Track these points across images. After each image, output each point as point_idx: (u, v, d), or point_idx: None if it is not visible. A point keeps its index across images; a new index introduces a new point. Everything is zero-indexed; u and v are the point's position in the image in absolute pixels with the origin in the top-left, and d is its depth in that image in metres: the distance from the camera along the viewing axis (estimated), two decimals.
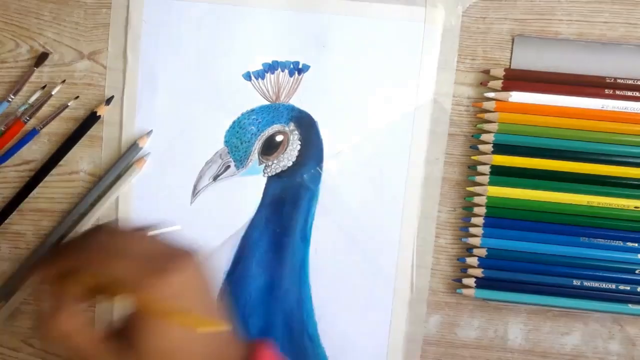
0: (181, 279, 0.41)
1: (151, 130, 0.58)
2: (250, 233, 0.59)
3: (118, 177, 0.59)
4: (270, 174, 0.59)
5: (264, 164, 0.59)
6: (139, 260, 0.41)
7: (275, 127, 0.58)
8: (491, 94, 0.57)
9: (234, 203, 0.59)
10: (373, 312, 0.58)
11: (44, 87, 0.59)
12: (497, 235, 0.57)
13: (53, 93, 0.58)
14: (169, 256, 0.42)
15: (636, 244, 0.56)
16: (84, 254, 0.42)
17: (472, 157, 0.57)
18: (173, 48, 0.58)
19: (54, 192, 0.59)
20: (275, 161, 0.59)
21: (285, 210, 0.59)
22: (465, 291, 0.57)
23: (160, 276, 0.40)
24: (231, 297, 0.59)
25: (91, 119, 0.58)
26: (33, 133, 0.58)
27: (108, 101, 0.58)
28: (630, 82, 0.55)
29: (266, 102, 0.58)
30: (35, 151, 0.59)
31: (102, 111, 0.58)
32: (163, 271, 0.41)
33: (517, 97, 0.56)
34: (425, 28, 0.57)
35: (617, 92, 0.55)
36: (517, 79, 0.56)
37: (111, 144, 0.59)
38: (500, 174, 0.56)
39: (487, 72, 0.57)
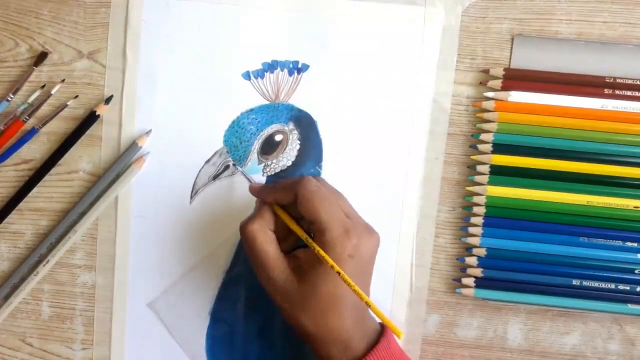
0: (371, 250, 0.50)
1: (150, 130, 0.58)
2: None
3: (117, 177, 0.59)
4: (269, 174, 0.59)
5: (263, 164, 0.59)
6: (340, 212, 0.49)
7: (275, 127, 0.58)
8: (491, 94, 0.56)
9: (233, 203, 0.59)
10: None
11: (43, 87, 0.59)
12: (497, 235, 0.57)
13: (52, 92, 0.58)
14: (365, 225, 0.50)
15: (636, 244, 0.56)
16: (299, 187, 0.49)
17: (472, 157, 0.57)
18: (172, 47, 0.58)
19: (53, 191, 0.59)
20: (274, 161, 0.59)
21: None
22: (464, 291, 0.57)
23: (352, 237, 0.48)
24: (230, 296, 0.59)
25: (90, 119, 0.58)
26: (32, 132, 0.58)
27: (107, 100, 0.58)
28: (629, 81, 0.55)
29: (265, 102, 0.58)
30: (34, 150, 0.59)
31: (102, 110, 0.58)
32: (361, 236, 0.48)
33: (517, 96, 0.56)
34: (424, 28, 0.57)
35: (617, 92, 0.55)
36: (517, 79, 0.56)
37: (110, 143, 0.59)
38: (500, 174, 0.56)
39: (486, 71, 0.57)
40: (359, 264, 0.48)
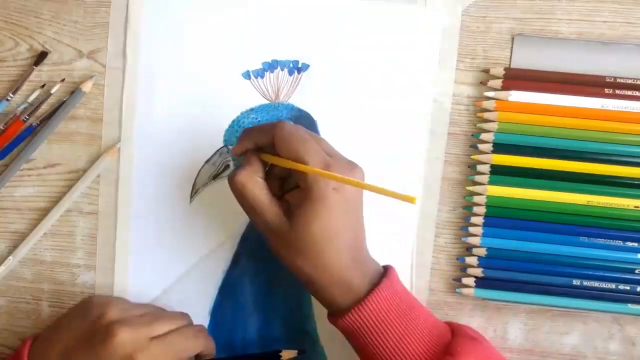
0: (360, 177, 0.50)
1: (94, 75, 0.58)
2: (250, 232, 0.59)
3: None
4: None
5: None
6: (319, 150, 0.49)
7: None
8: (491, 93, 0.56)
9: (233, 202, 0.58)
10: None
11: (43, 86, 0.59)
12: (497, 235, 0.57)
13: (52, 92, 0.58)
14: (347, 161, 0.50)
15: (636, 244, 0.56)
16: (276, 129, 0.49)
17: (472, 157, 0.57)
18: (172, 47, 0.58)
19: (53, 191, 0.59)
20: None
21: None
22: (464, 291, 0.57)
23: (341, 174, 0.47)
24: (230, 296, 0.59)
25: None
26: (30, 129, 0.58)
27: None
28: (630, 81, 0.55)
29: (266, 101, 0.58)
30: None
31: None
32: (343, 171, 0.48)
33: (517, 96, 0.56)
34: (425, 27, 0.57)
35: (617, 92, 0.55)
36: (517, 79, 0.56)
37: (111, 143, 0.59)
38: (500, 174, 0.56)
39: (487, 71, 0.57)
40: (345, 197, 0.49)
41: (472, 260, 0.57)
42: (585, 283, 0.56)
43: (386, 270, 0.51)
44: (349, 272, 0.49)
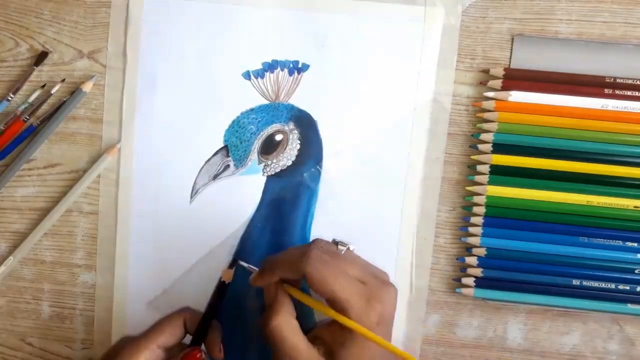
0: (393, 305, 0.47)
1: (94, 75, 0.58)
2: (250, 232, 0.59)
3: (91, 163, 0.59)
4: (269, 174, 0.59)
5: (264, 163, 0.59)
6: (355, 283, 0.46)
7: (275, 127, 0.58)
8: (491, 94, 0.57)
9: (233, 202, 0.59)
10: None
11: (43, 86, 0.59)
12: (497, 235, 0.57)
13: (52, 92, 0.58)
14: (381, 282, 0.47)
15: (636, 244, 0.56)
16: (306, 267, 0.45)
17: (472, 157, 0.57)
18: (173, 47, 0.58)
19: (53, 191, 0.59)
20: (274, 160, 0.59)
21: (285, 210, 0.59)
22: (464, 291, 0.57)
23: (375, 305, 0.45)
24: (231, 296, 0.59)
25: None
26: (30, 129, 0.58)
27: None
28: (629, 81, 0.55)
29: (266, 102, 0.58)
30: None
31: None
32: (382, 299, 0.46)
33: (517, 96, 0.56)
34: (424, 27, 0.57)
35: (617, 92, 0.55)
36: (517, 79, 0.56)
37: (111, 143, 0.59)
38: (500, 174, 0.56)
39: (486, 71, 0.57)
40: (386, 324, 0.47)
41: (471, 260, 0.57)
42: (585, 283, 0.56)
43: None
44: None
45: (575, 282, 0.56)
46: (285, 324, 0.46)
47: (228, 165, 0.59)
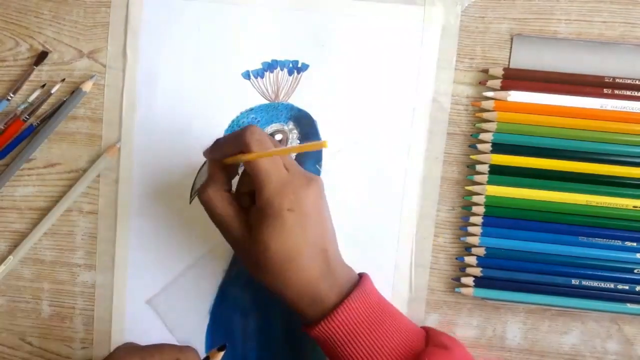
0: (313, 200, 0.48)
1: (94, 75, 0.58)
2: None
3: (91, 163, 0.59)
4: None
5: None
6: (280, 166, 0.48)
7: (275, 126, 0.59)
8: (490, 93, 0.57)
9: None
10: None
11: (43, 86, 0.59)
12: (496, 235, 0.57)
13: (52, 92, 0.59)
14: (304, 176, 0.49)
15: (635, 244, 0.56)
16: (246, 135, 0.48)
17: (471, 157, 0.57)
18: (172, 47, 0.58)
19: (53, 190, 0.59)
20: None
21: None
22: (463, 290, 0.57)
23: (288, 192, 0.47)
24: (230, 295, 0.59)
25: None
26: (30, 129, 0.59)
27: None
28: (629, 81, 0.55)
29: (265, 101, 0.59)
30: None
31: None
32: (298, 190, 0.48)
33: (516, 96, 0.56)
34: (424, 27, 0.57)
35: (616, 92, 0.55)
36: (516, 79, 0.56)
37: (111, 143, 0.59)
38: (499, 173, 0.56)
39: (486, 71, 0.57)
40: (302, 215, 0.48)
41: (471, 259, 0.57)
42: (584, 283, 0.56)
43: (360, 279, 0.51)
44: (316, 286, 0.49)
45: (575, 281, 0.56)
46: (216, 194, 0.50)
47: None
